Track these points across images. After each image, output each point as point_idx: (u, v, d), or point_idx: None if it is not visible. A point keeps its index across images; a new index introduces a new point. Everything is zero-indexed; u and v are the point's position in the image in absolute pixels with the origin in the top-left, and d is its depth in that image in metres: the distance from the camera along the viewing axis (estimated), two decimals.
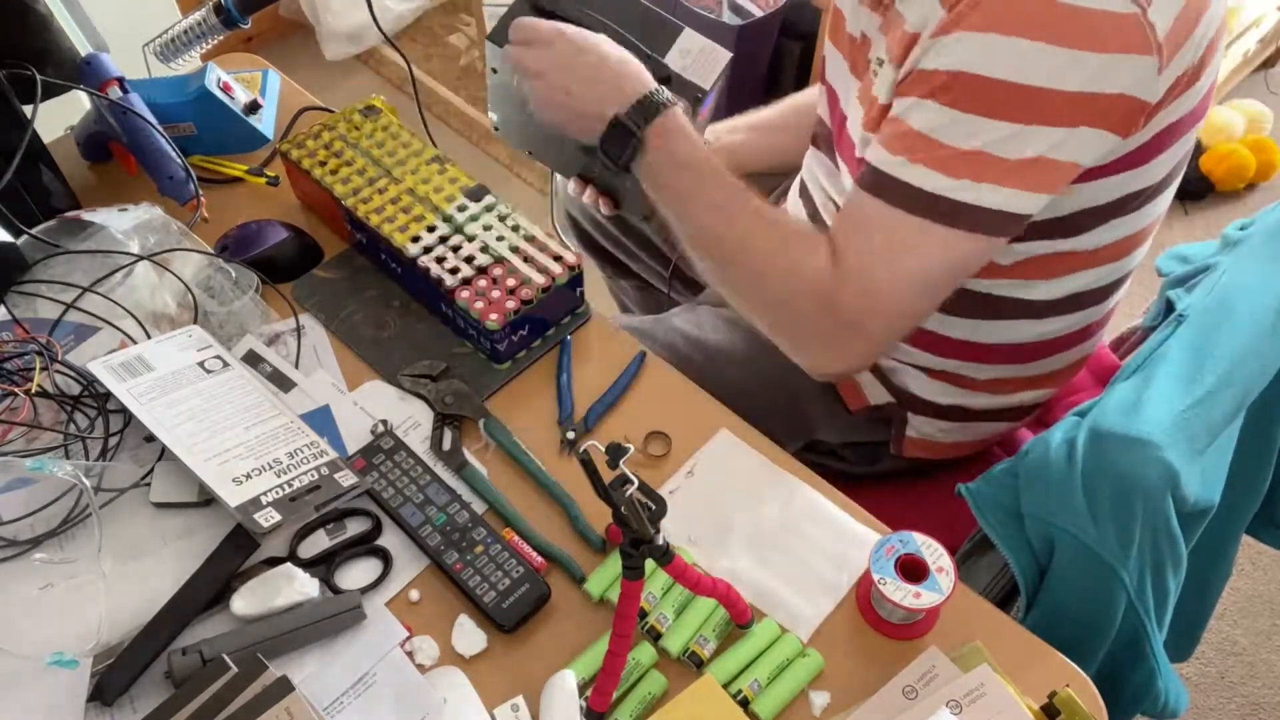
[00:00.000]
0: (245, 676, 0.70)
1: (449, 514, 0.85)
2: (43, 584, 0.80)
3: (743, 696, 0.76)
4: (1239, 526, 0.98)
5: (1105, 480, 0.76)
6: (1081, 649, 0.82)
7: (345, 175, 1.02)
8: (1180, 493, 0.76)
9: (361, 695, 0.76)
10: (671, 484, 0.89)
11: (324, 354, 0.98)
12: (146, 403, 0.86)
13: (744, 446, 0.91)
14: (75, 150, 1.13)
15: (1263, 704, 1.56)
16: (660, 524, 0.71)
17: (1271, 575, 1.69)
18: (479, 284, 0.94)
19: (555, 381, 0.95)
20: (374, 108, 1.09)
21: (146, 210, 1.00)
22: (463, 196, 1.00)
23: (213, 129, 1.11)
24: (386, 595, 0.82)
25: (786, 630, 0.80)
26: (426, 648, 0.79)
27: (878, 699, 0.76)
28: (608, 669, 0.74)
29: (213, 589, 0.80)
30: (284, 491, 0.83)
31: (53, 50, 1.04)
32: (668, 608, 0.80)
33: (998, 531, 0.84)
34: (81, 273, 0.96)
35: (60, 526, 0.82)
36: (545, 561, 0.83)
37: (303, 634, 0.78)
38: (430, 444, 0.91)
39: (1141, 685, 0.88)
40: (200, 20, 1.07)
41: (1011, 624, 0.81)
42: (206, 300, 0.97)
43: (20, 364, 0.88)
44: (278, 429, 0.88)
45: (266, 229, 1.04)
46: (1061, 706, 0.72)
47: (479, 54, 2.53)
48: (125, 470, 0.86)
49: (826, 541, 0.85)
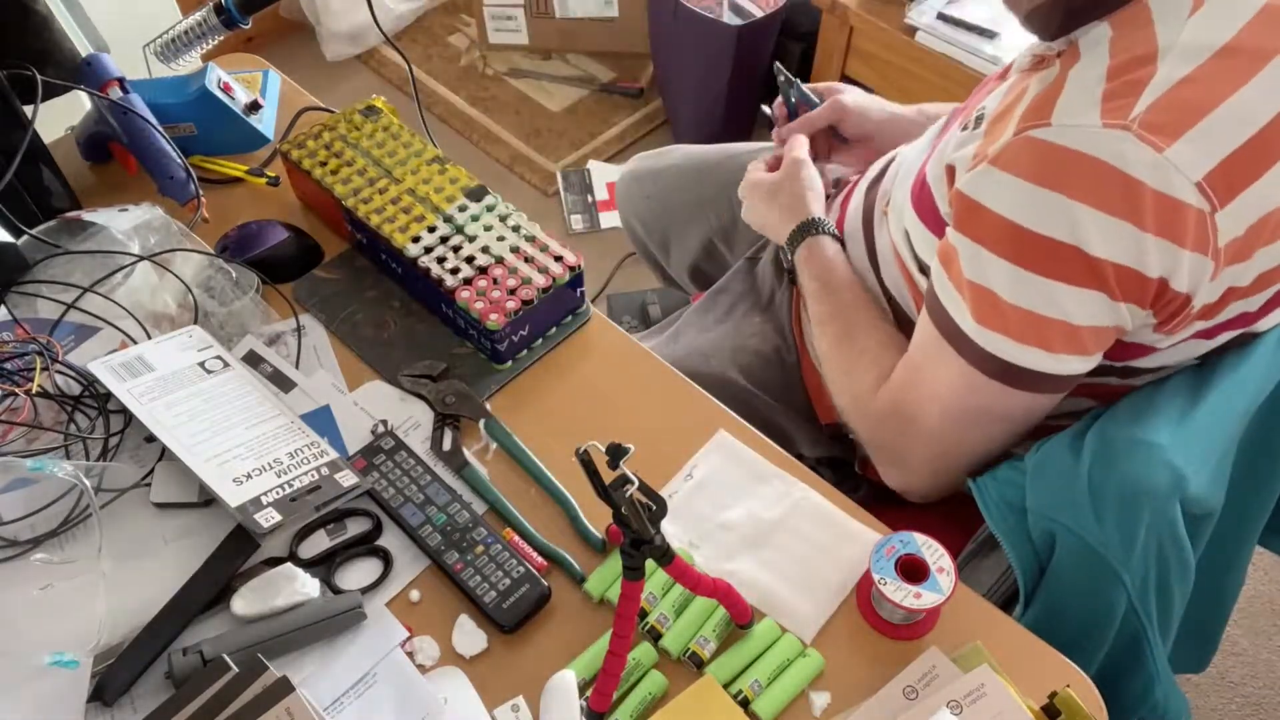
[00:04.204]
0: (246, 677, 0.70)
1: (449, 514, 0.85)
2: (43, 584, 0.80)
3: (743, 697, 0.76)
4: (1252, 535, 0.97)
5: (1111, 480, 0.76)
6: (1079, 650, 0.81)
7: (345, 175, 1.02)
8: (1187, 496, 0.76)
9: (362, 695, 0.76)
10: (671, 486, 0.89)
11: (324, 354, 0.98)
12: (147, 403, 0.86)
13: (743, 447, 0.91)
14: (75, 150, 1.13)
15: (1263, 704, 1.56)
16: (660, 524, 0.71)
17: (1271, 576, 1.69)
18: (479, 284, 0.94)
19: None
20: (374, 108, 1.09)
21: (147, 210, 1.00)
22: (463, 196, 1.00)
23: (213, 129, 1.11)
24: (387, 595, 0.82)
25: (787, 630, 0.80)
26: (427, 648, 0.79)
27: (878, 699, 0.76)
28: (608, 669, 0.74)
29: (213, 589, 0.80)
30: (284, 492, 0.83)
31: (53, 51, 1.04)
32: (668, 608, 0.80)
33: (1000, 526, 0.84)
34: (82, 273, 0.96)
35: (61, 527, 0.82)
36: (545, 562, 0.83)
37: (303, 634, 0.78)
38: (430, 444, 0.91)
39: (1139, 692, 0.88)
40: (201, 20, 1.07)
41: (1012, 624, 0.81)
42: (207, 300, 0.97)
43: (21, 364, 0.88)
44: (278, 429, 0.88)
45: (267, 229, 1.04)
46: (1062, 707, 0.72)
47: (479, 54, 2.54)
48: (125, 470, 0.86)
49: (826, 541, 0.85)
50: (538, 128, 2.37)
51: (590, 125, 2.37)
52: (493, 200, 1.00)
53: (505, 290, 0.94)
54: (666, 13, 2.10)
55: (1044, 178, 0.70)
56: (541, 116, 2.39)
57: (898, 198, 0.91)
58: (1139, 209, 0.68)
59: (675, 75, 2.23)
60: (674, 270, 1.44)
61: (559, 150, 2.32)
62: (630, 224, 1.44)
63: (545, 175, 2.27)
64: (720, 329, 1.14)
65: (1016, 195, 0.71)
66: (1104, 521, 0.77)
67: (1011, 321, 0.75)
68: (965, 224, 0.76)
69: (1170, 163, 0.67)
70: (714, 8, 2.05)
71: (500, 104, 2.42)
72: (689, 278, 1.41)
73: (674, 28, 2.10)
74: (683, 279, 1.44)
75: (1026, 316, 0.74)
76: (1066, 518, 0.79)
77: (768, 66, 2.16)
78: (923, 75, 1.86)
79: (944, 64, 1.81)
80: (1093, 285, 0.71)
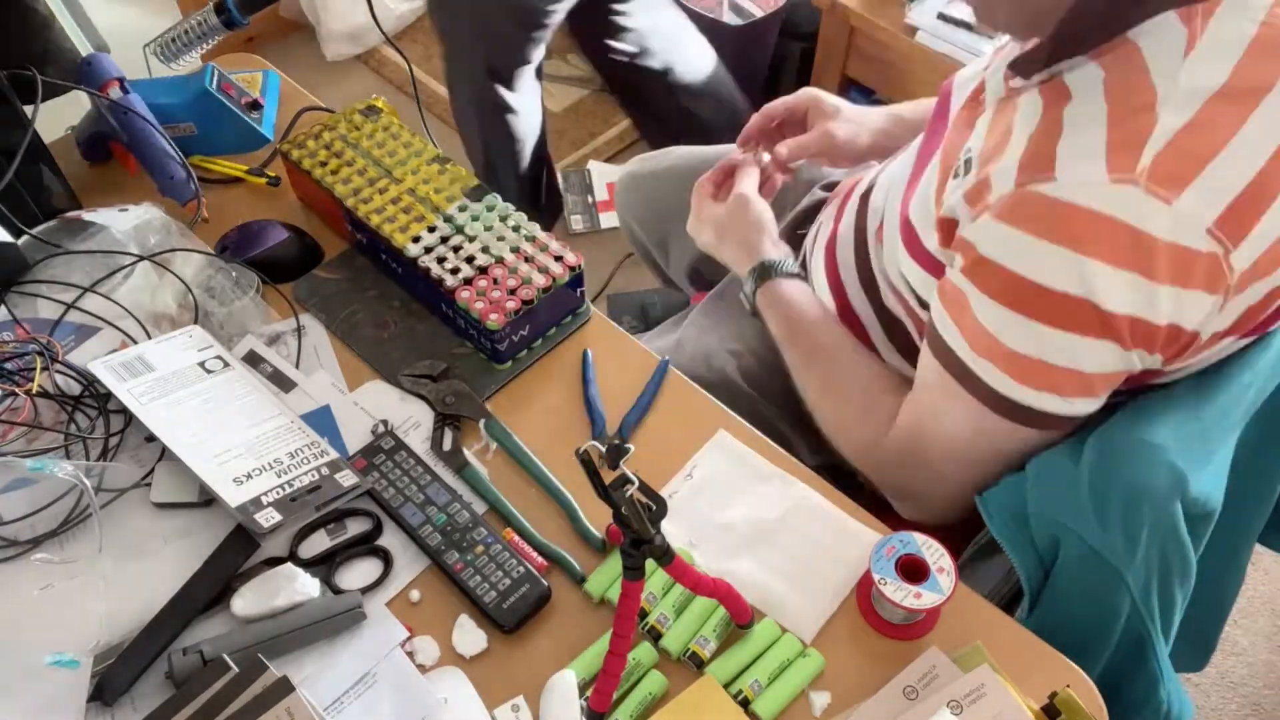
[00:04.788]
0: (246, 677, 0.70)
1: (449, 514, 0.85)
2: (43, 584, 0.80)
3: (743, 696, 0.76)
4: (1252, 534, 0.97)
5: (1113, 483, 0.76)
6: (1083, 652, 0.81)
7: (346, 175, 1.02)
8: (1188, 496, 0.76)
9: (362, 695, 0.76)
10: (671, 486, 0.89)
11: (324, 354, 0.98)
12: (147, 403, 0.86)
13: (743, 447, 0.91)
14: (76, 150, 1.13)
15: (1263, 704, 1.56)
16: (660, 524, 0.71)
17: (1272, 576, 1.69)
18: (479, 284, 0.94)
19: (583, 395, 0.94)
20: (374, 108, 1.09)
21: (147, 210, 1.00)
22: (463, 196, 1.00)
23: (213, 129, 1.11)
24: (387, 595, 0.82)
25: (787, 630, 0.80)
26: (427, 648, 0.79)
27: (878, 699, 0.76)
28: (608, 669, 0.74)
29: (213, 589, 0.80)
30: (284, 491, 0.83)
31: (53, 50, 1.04)
32: (668, 608, 0.80)
33: (1003, 532, 0.84)
34: (82, 273, 0.96)
35: (61, 527, 0.82)
36: (545, 561, 0.83)
37: (303, 634, 0.78)
38: (431, 444, 0.91)
39: (1143, 693, 0.88)
40: (201, 20, 1.07)
41: (1012, 624, 0.81)
42: (207, 300, 0.97)
43: (21, 364, 0.88)
44: (278, 429, 0.88)
45: (267, 229, 1.04)
46: (1062, 707, 0.72)
47: None
48: (126, 470, 0.86)
49: (826, 541, 0.85)
50: None
51: (590, 125, 2.37)
52: (493, 200, 1.00)
53: (505, 290, 0.94)
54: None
55: (1052, 234, 0.70)
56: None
57: (890, 235, 0.91)
58: (1151, 261, 0.68)
59: None
60: (673, 271, 1.44)
61: (559, 150, 2.32)
62: (629, 225, 1.44)
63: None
64: (720, 332, 1.14)
65: (1024, 250, 0.71)
66: (1106, 523, 0.77)
67: (1021, 368, 0.75)
68: (973, 274, 0.76)
69: (1181, 213, 0.67)
70: (714, 8, 2.05)
71: None
72: (688, 279, 1.41)
73: None
74: (681, 280, 1.44)
75: (1038, 366, 0.74)
76: (1069, 521, 0.79)
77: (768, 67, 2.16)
78: (923, 75, 1.86)
79: (944, 64, 1.81)
80: (1105, 336, 0.71)
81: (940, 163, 0.85)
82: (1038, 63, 0.75)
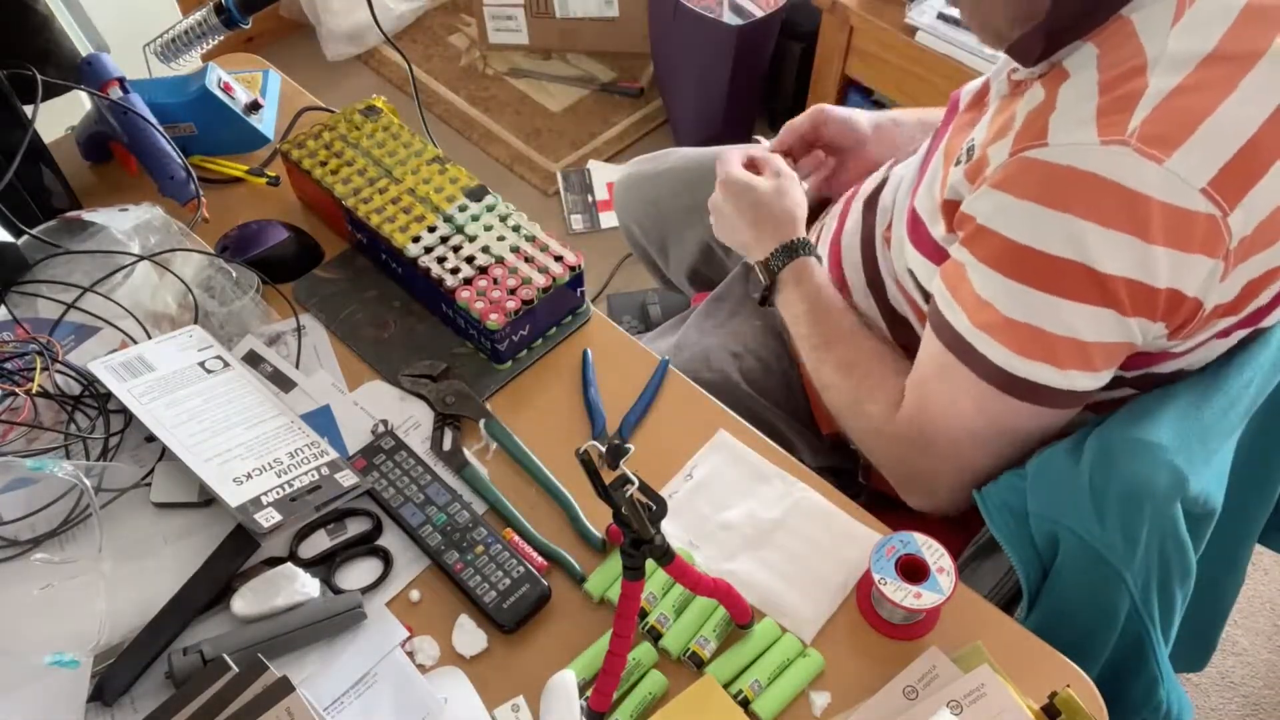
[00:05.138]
0: (246, 677, 0.70)
1: (449, 514, 0.85)
2: (43, 584, 0.80)
3: (743, 696, 0.76)
4: (1252, 533, 0.97)
5: (1113, 482, 0.76)
6: (1083, 652, 0.81)
7: (346, 175, 1.02)
8: (1188, 496, 0.76)
9: (362, 695, 0.76)
10: (671, 486, 0.89)
11: (324, 354, 0.98)
12: (147, 403, 0.86)
13: (743, 447, 0.91)
14: (76, 150, 1.13)
15: (1263, 704, 1.56)
16: (660, 524, 0.71)
17: (1272, 576, 1.69)
18: (479, 284, 0.94)
19: (583, 395, 0.94)
20: (374, 108, 1.09)
21: (147, 210, 1.00)
22: (463, 196, 1.00)
23: (213, 129, 1.11)
24: (387, 595, 0.82)
25: (787, 630, 0.80)
26: (427, 648, 0.79)
27: (878, 699, 0.76)
28: (608, 669, 0.74)
29: (213, 589, 0.80)
30: (284, 491, 0.83)
31: (53, 50, 1.04)
32: (668, 608, 0.80)
33: (1003, 531, 0.84)
34: (82, 273, 0.96)
35: (61, 526, 0.82)
36: (545, 561, 0.83)
37: (303, 634, 0.78)
38: (431, 444, 0.91)
39: (1143, 692, 0.88)
40: (201, 20, 1.07)
41: (1012, 624, 0.81)
42: (207, 300, 0.97)
43: (21, 364, 0.88)
44: (278, 429, 0.88)
45: (267, 229, 1.04)
46: (1062, 707, 0.72)
47: (479, 54, 2.54)
48: (126, 470, 0.86)
49: (826, 541, 0.85)
50: (538, 127, 2.37)
51: (590, 125, 2.37)
52: (493, 200, 1.00)
53: (505, 290, 0.94)
54: (666, 13, 2.10)
55: (1046, 197, 0.70)
56: (541, 116, 2.40)
57: (898, 232, 0.91)
58: (1145, 222, 0.68)
59: (675, 75, 2.23)
60: (672, 273, 1.44)
61: (559, 150, 2.32)
62: (628, 227, 1.44)
63: (545, 175, 2.27)
64: (721, 333, 1.14)
65: (1019, 216, 0.72)
66: (1106, 523, 0.77)
67: (1018, 337, 0.75)
68: (971, 244, 0.76)
69: (1173, 173, 0.67)
70: (714, 8, 2.05)
71: (500, 104, 2.42)
72: (688, 280, 1.41)
73: (674, 28, 2.10)
74: (681, 282, 1.44)
75: (1033, 333, 0.74)
76: (1068, 520, 0.79)
77: (768, 67, 2.16)
78: (923, 75, 1.86)
79: (944, 64, 1.81)
80: (1102, 302, 0.71)
81: (944, 156, 0.86)
82: (1036, 47, 0.76)
